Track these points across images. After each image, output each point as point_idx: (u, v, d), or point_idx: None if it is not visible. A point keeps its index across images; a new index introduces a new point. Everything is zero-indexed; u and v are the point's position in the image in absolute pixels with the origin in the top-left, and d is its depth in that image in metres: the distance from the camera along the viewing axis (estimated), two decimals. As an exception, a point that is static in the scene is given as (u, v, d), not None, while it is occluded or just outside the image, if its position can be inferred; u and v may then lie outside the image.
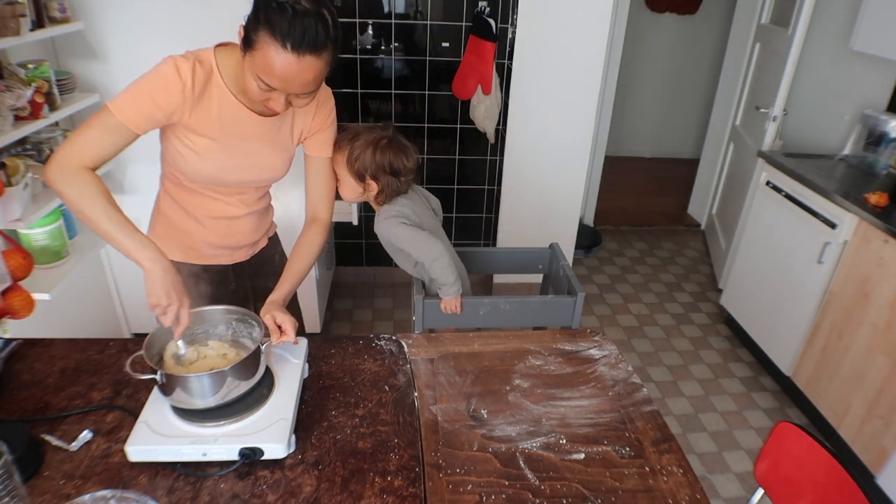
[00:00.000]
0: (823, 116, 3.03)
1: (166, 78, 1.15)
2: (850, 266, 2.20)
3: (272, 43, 1.05)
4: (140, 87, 1.15)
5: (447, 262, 1.69)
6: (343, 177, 1.62)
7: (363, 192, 1.65)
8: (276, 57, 1.06)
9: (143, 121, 1.16)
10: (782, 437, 1.30)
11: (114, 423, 1.12)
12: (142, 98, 1.15)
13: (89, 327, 2.38)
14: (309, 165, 1.44)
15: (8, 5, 1.66)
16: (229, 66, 1.22)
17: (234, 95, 1.23)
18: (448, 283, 1.70)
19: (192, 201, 1.38)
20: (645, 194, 4.95)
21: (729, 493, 2.15)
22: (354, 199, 1.71)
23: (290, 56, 1.06)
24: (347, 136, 1.58)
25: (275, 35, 1.04)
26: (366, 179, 1.62)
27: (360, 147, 1.58)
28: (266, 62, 1.07)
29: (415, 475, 1.04)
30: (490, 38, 2.60)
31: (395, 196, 1.70)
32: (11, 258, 1.61)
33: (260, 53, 1.07)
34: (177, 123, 1.21)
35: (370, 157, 1.58)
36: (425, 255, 1.69)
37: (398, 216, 1.69)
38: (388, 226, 1.69)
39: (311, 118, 1.38)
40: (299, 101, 1.18)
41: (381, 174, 1.62)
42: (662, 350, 2.94)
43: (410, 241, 1.69)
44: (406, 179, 1.67)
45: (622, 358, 1.42)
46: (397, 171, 1.63)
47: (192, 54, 1.19)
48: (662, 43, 5.27)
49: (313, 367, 1.31)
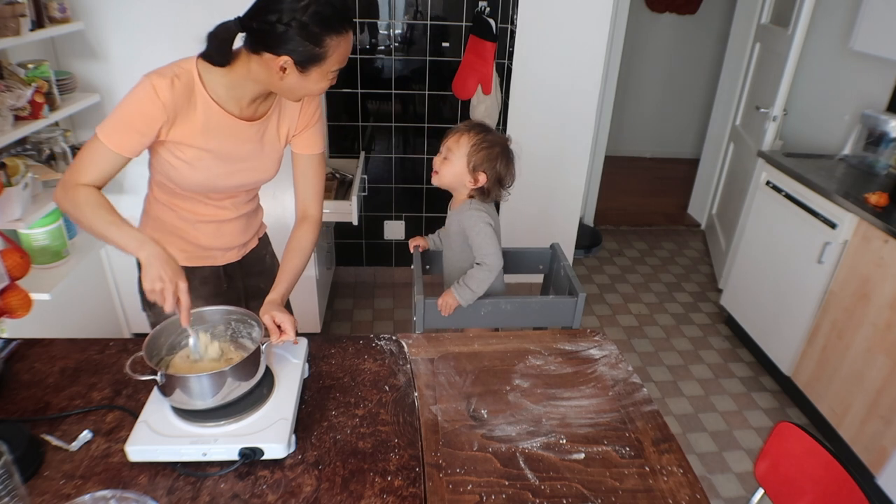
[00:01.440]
0: (823, 116, 3.03)
1: (143, 103, 1.16)
2: (850, 266, 2.20)
3: (344, 37, 1.15)
4: (121, 116, 1.17)
5: (492, 277, 1.71)
6: (457, 159, 1.67)
7: (464, 182, 1.69)
8: (348, 44, 1.17)
9: (129, 147, 1.19)
10: (782, 437, 1.30)
11: (114, 423, 1.12)
12: (124, 127, 1.17)
13: (89, 327, 2.38)
14: (297, 163, 1.43)
15: (8, 5, 1.66)
16: (215, 75, 1.21)
17: (218, 104, 1.23)
18: (474, 290, 1.70)
19: (182, 206, 1.38)
20: (645, 194, 4.95)
21: (729, 493, 2.15)
22: (450, 184, 1.73)
23: (350, 36, 1.18)
24: (480, 127, 1.67)
25: (340, 31, 1.14)
26: (478, 172, 1.67)
27: (489, 144, 1.65)
28: (339, 55, 1.17)
29: (415, 475, 1.04)
30: (490, 38, 2.60)
31: (486, 199, 1.75)
32: (9, 257, 1.61)
33: (333, 55, 1.15)
34: (164, 139, 1.22)
35: (494, 157, 1.66)
36: (488, 258, 1.70)
37: (489, 215, 1.73)
38: (477, 217, 1.70)
39: (298, 116, 1.37)
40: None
41: (493, 176, 1.68)
42: (662, 350, 2.94)
43: (487, 239, 1.70)
44: (504, 192, 1.75)
45: (622, 358, 1.42)
46: (505, 181, 1.72)
47: (170, 69, 1.19)
48: (662, 43, 5.27)
49: (313, 367, 1.31)
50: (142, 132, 1.17)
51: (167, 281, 1.10)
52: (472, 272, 1.71)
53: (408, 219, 3.26)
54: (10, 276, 1.60)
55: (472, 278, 1.70)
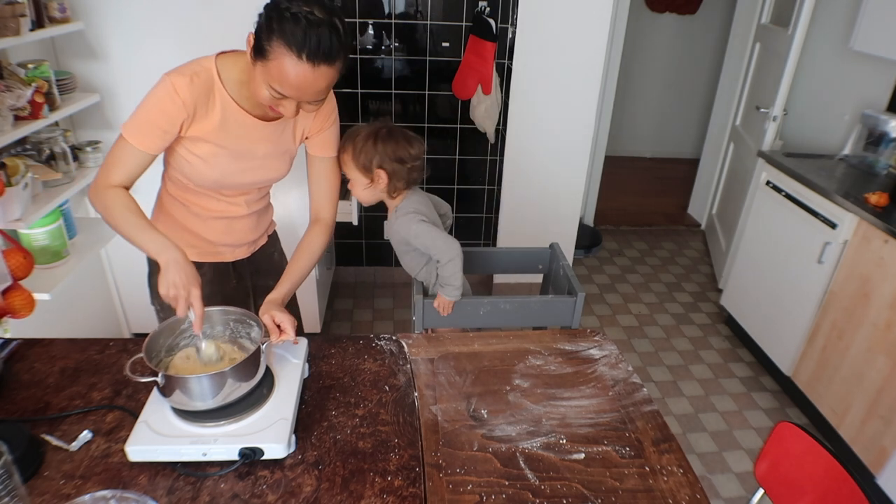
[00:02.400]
0: (823, 116, 3.02)
1: (163, 101, 1.18)
2: (850, 266, 2.20)
3: (288, 54, 1.06)
4: (143, 115, 1.20)
5: (461, 264, 1.68)
6: (352, 175, 1.62)
7: (371, 183, 1.63)
8: (292, 67, 1.07)
9: (154, 145, 1.21)
10: (782, 437, 1.30)
11: (114, 423, 1.12)
12: (147, 126, 1.20)
13: (89, 327, 2.38)
14: (311, 165, 1.45)
15: (8, 5, 1.66)
16: (233, 73, 1.23)
17: (237, 102, 1.25)
18: (454, 285, 1.70)
19: (194, 201, 1.39)
20: (645, 194, 4.95)
21: (729, 493, 2.15)
22: (370, 199, 1.69)
23: (306, 66, 1.07)
24: (350, 135, 1.59)
25: (290, 46, 1.05)
26: (372, 170, 1.61)
27: (362, 140, 1.59)
28: (281, 72, 1.08)
29: (415, 475, 1.04)
30: (490, 38, 2.60)
31: (406, 186, 1.68)
32: (12, 258, 1.62)
33: (274, 63, 1.08)
34: (182, 135, 1.24)
35: (372, 148, 1.59)
36: (443, 254, 1.68)
37: (416, 213, 1.68)
38: (408, 222, 1.68)
39: (313, 118, 1.38)
40: (310, 108, 1.20)
41: (387, 162, 1.61)
42: (662, 350, 2.94)
43: (429, 237, 1.67)
44: (412, 166, 1.64)
45: (622, 358, 1.42)
46: (402, 158, 1.62)
47: (189, 67, 1.20)
48: (662, 43, 5.27)
49: (313, 367, 1.31)
50: (164, 129, 1.20)
51: (180, 287, 1.11)
52: (441, 272, 1.71)
53: (408, 219, 3.25)
54: (13, 277, 1.61)
55: (444, 276, 1.71)
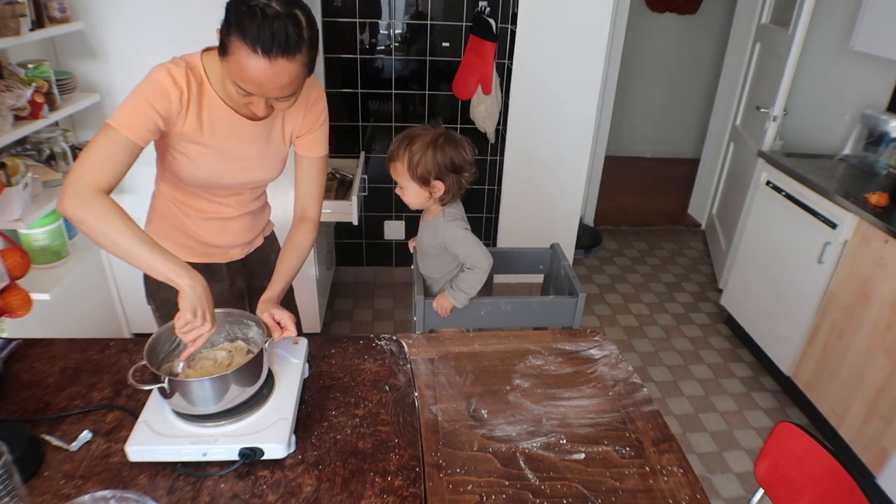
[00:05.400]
0: (823, 116, 3.02)
1: (163, 85, 1.14)
2: (850, 266, 2.19)
3: (243, 48, 1.04)
4: (137, 98, 1.13)
5: (484, 278, 1.67)
6: (406, 184, 1.59)
7: (429, 196, 1.62)
8: (248, 62, 1.05)
9: (145, 130, 1.13)
10: (782, 437, 1.30)
11: (114, 423, 1.12)
12: (141, 107, 1.12)
13: (89, 327, 2.38)
14: (299, 164, 1.43)
15: (8, 5, 1.66)
16: (216, 70, 1.21)
17: (223, 100, 1.23)
18: (468, 293, 1.68)
19: (187, 202, 1.38)
20: (645, 194, 4.95)
21: (729, 493, 2.15)
22: (420, 205, 1.67)
23: (262, 60, 1.04)
24: (402, 143, 1.56)
25: (245, 40, 1.03)
26: (430, 182, 1.58)
27: (419, 150, 1.55)
28: (239, 68, 1.06)
29: (415, 475, 1.04)
30: (490, 38, 2.60)
31: (457, 196, 1.67)
32: (9, 257, 1.62)
33: (233, 59, 1.06)
34: (169, 132, 1.20)
35: (431, 159, 1.55)
36: (480, 262, 1.66)
37: (462, 220, 1.68)
38: (455, 228, 1.66)
39: (302, 118, 1.37)
40: (281, 105, 1.17)
41: (446, 174, 1.58)
42: (662, 350, 2.94)
43: (472, 246, 1.66)
44: (468, 174, 1.63)
45: (622, 358, 1.42)
46: (459, 167, 1.60)
47: (182, 60, 1.18)
48: (662, 43, 5.27)
49: (313, 367, 1.31)
50: (158, 111, 1.13)
51: (199, 317, 1.06)
52: (465, 276, 1.68)
53: (408, 219, 3.25)
54: (10, 276, 1.61)
55: (466, 282, 1.68)
